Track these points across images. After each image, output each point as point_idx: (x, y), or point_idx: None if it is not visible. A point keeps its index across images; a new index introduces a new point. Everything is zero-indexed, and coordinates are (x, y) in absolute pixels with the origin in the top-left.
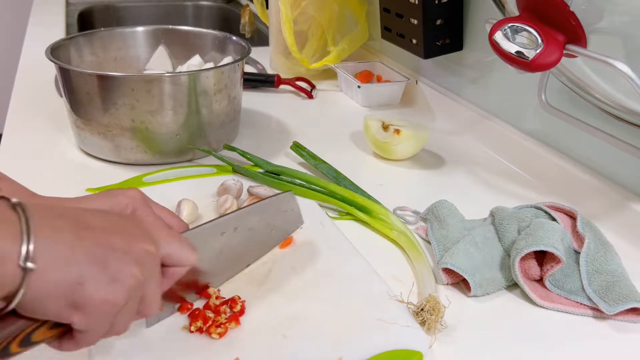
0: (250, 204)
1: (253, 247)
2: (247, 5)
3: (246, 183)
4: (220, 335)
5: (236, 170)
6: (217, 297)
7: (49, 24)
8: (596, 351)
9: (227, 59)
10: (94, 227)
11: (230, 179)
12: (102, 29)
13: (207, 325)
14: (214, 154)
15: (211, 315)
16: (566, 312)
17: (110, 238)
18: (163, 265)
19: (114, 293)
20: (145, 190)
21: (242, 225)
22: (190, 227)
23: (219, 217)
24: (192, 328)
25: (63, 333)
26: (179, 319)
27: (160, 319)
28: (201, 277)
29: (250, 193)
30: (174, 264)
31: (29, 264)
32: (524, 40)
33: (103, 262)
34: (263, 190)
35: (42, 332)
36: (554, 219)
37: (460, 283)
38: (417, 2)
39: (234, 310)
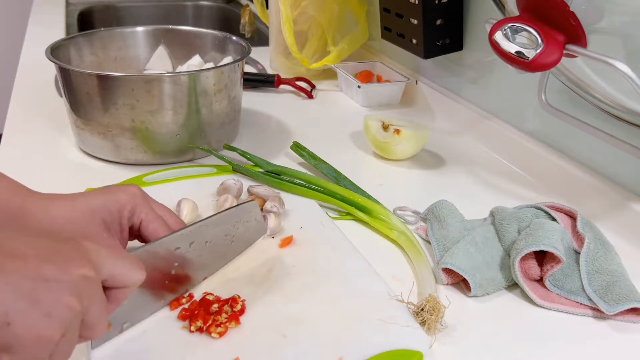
0: (208, 217)
1: (211, 260)
2: (247, 5)
3: (246, 183)
4: (221, 334)
5: (236, 169)
6: (216, 299)
7: (49, 24)
8: (596, 351)
9: (227, 59)
10: (22, 255)
11: (230, 179)
12: (102, 29)
13: (207, 325)
14: (214, 153)
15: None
16: (566, 312)
17: (41, 267)
18: (106, 288)
19: (47, 329)
20: (145, 190)
21: (198, 240)
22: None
23: (173, 232)
24: (192, 328)
25: None
26: (179, 320)
27: (107, 339)
28: (155, 290)
29: (250, 193)
30: (118, 286)
31: None
32: (524, 40)
33: (33, 296)
34: (263, 189)
35: None
36: (554, 219)
37: (460, 283)
38: (417, 2)
39: (235, 309)
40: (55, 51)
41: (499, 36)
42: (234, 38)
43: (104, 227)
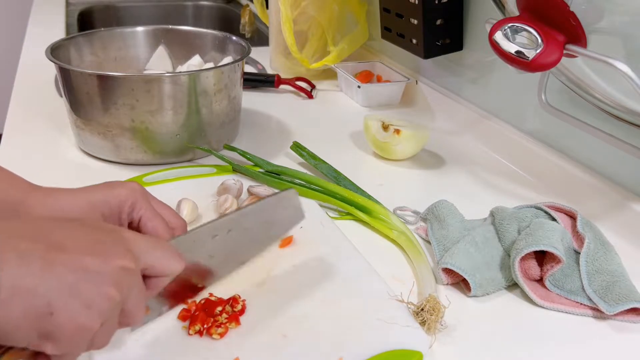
0: (248, 204)
1: (248, 246)
2: (247, 5)
3: (246, 183)
4: (221, 335)
5: (236, 169)
6: (218, 300)
7: (49, 24)
8: (596, 351)
9: (227, 59)
10: (66, 248)
11: (230, 179)
12: (102, 29)
13: (208, 325)
14: (214, 153)
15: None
16: (566, 312)
17: (83, 259)
18: (146, 276)
19: (88, 319)
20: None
21: (237, 227)
22: (190, 227)
23: (213, 220)
24: (191, 331)
25: (36, 353)
26: (179, 320)
27: (147, 322)
28: (192, 279)
29: (250, 193)
30: (157, 275)
31: None
32: (524, 40)
33: (75, 288)
34: (263, 189)
35: (13, 354)
36: (554, 219)
37: (460, 283)
38: (417, 2)
39: (235, 309)
40: (55, 51)
41: (499, 36)
42: (234, 38)
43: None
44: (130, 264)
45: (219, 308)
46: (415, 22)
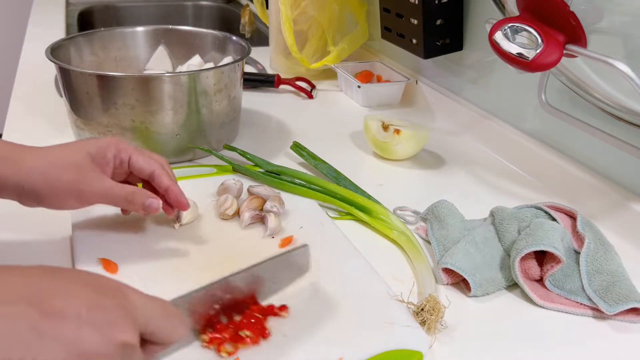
0: (258, 263)
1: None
2: (247, 5)
3: (246, 182)
4: (230, 354)
5: (236, 169)
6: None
7: (49, 24)
8: (596, 351)
9: (227, 59)
10: (62, 316)
11: (231, 179)
12: (102, 29)
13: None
14: (214, 153)
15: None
16: (566, 312)
17: (81, 332)
18: (144, 340)
19: None
20: None
21: (236, 287)
22: (192, 229)
23: (217, 281)
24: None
25: None
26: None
27: None
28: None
29: (250, 193)
30: (157, 343)
31: None
32: (524, 40)
33: None
34: (263, 189)
35: None
36: (554, 219)
37: (460, 283)
38: (417, 2)
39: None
40: (55, 51)
41: (499, 36)
42: (234, 38)
43: (90, 158)
44: (133, 339)
45: (247, 332)
46: (415, 22)
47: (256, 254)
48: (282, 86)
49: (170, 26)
